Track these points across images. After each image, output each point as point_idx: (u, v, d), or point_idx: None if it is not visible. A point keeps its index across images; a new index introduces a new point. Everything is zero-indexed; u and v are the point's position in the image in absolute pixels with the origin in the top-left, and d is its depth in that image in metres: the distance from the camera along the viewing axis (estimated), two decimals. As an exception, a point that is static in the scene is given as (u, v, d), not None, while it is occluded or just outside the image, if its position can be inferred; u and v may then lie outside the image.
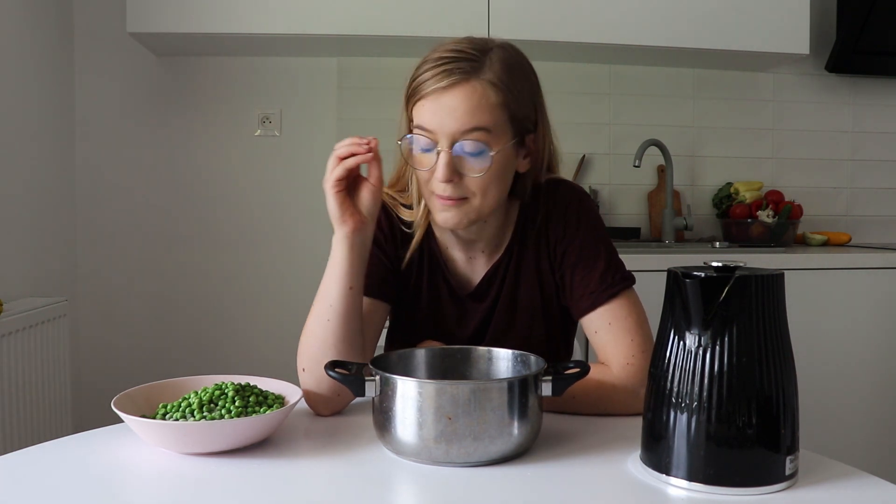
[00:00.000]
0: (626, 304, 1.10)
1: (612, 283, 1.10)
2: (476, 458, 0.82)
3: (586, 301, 1.11)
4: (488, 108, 1.03)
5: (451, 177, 1.03)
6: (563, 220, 1.15)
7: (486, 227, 1.16)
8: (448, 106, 1.02)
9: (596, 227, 1.16)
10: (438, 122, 1.02)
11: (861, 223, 2.89)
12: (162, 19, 2.19)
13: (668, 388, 0.78)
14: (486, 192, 1.06)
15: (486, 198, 1.06)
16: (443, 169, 1.03)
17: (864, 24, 2.63)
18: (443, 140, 1.03)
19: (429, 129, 1.04)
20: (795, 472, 0.77)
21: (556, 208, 1.16)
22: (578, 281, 1.12)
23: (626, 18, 2.34)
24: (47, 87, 2.31)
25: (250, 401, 0.92)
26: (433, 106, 1.03)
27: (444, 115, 1.02)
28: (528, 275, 1.17)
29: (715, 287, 0.75)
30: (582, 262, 1.13)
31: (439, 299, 1.20)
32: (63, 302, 2.09)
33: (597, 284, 1.11)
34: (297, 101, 2.57)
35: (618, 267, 1.14)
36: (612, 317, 1.09)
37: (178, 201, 2.54)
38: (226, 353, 2.55)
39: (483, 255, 1.19)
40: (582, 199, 1.18)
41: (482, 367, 0.99)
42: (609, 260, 1.13)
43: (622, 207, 2.76)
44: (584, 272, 1.12)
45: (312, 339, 1.03)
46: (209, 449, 0.86)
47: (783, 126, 2.83)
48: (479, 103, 1.02)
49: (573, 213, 1.15)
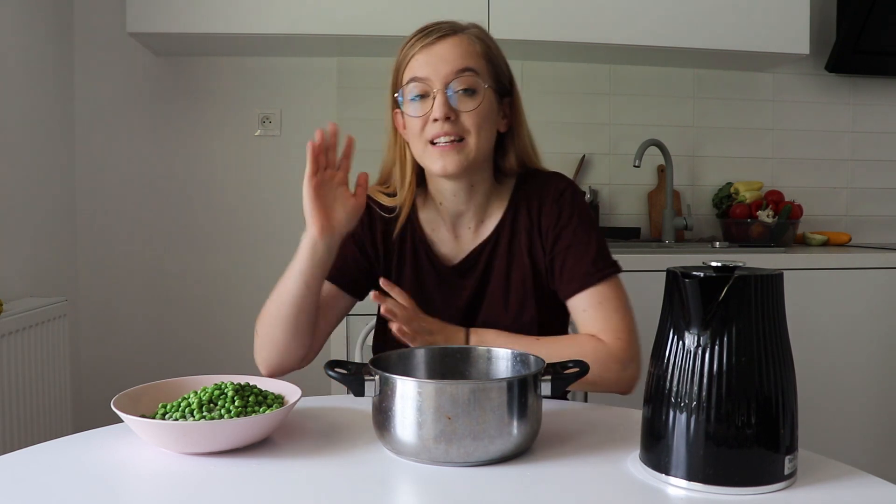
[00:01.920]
0: (615, 288, 1.17)
1: (602, 267, 1.17)
2: (476, 458, 0.82)
3: (577, 282, 1.17)
4: (474, 54, 1.16)
5: (448, 113, 1.13)
6: (557, 205, 1.22)
7: (474, 192, 1.22)
8: (439, 54, 1.15)
9: (588, 216, 1.23)
10: (432, 68, 1.14)
11: (861, 223, 2.89)
12: (162, 19, 2.19)
13: (668, 388, 0.78)
14: (479, 130, 1.15)
15: (479, 137, 1.15)
16: (440, 107, 1.13)
17: (864, 24, 2.63)
18: (437, 83, 1.14)
19: (422, 77, 1.15)
20: (794, 472, 0.77)
21: (551, 195, 1.23)
22: (571, 264, 1.18)
23: (626, 18, 2.34)
24: (47, 87, 2.31)
25: (250, 401, 0.92)
26: (425, 58, 1.15)
27: (436, 61, 1.14)
28: (521, 257, 1.22)
29: (714, 287, 0.75)
30: (575, 246, 1.19)
31: (422, 273, 1.25)
32: (63, 302, 2.09)
33: (589, 267, 1.17)
34: (297, 101, 2.57)
35: (607, 254, 1.20)
36: (603, 297, 1.16)
37: (178, 201, 2.54)
38: (226, 353, 2.55)
39: (469, 231, 1.25)
40: (576, 190, 1.25)
41: (482, 367, 0.99)
42: (600, 247, 1.20)
43: (622, 207, 2.76)
44: (577, 256, 1.18)
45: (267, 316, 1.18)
46: (209, 449, 0.86)
47: (783, 126, 2.83)
48: (467, 50, 1.16)
49: (568, 201, 1.22)
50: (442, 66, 1.14)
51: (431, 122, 1.14)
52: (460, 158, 1.14)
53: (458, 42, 1.16)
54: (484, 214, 1.25)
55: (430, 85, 1.14)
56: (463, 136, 1.14)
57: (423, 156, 1.18)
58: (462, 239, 1.25)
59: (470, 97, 1.14)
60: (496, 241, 1.23)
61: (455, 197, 1.22)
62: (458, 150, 1.14)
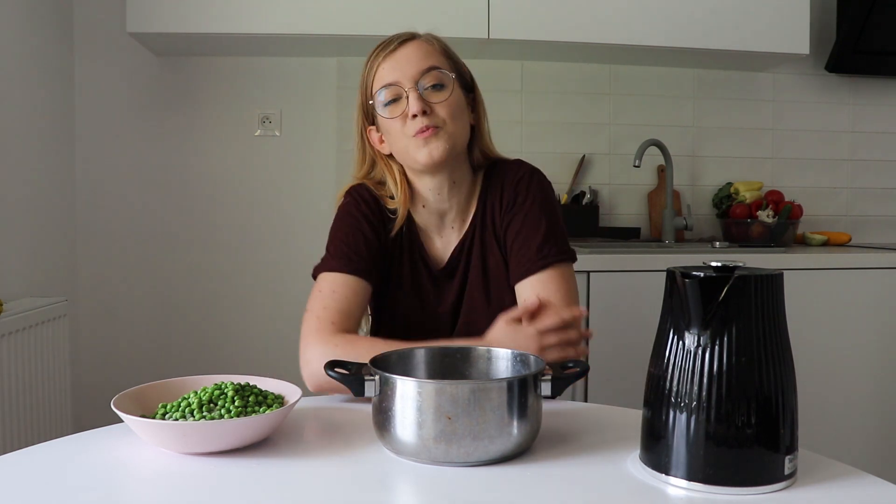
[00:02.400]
0: (557, 277, 1.18)
1: (548, 255, 1.18)
2: (476, 458, 0.82)
3: (521, 268, 1.19)
4: (434, 53, 1.23)
5: (424, 107, 1.18)
6: (514, 191, 1.24)
7: (456, 189, 1.26)
8: (404, 57, 1.21)
9: (543, 201, 1.24)
10: (400, 72, 1.20)
11: (861, 223, 2.89)
12: (162, 19, 2.19)
13: (668, 388, 0.78)
14: (454, 118, 1.20)
15: (455, 125, 1.20)
16: (415, 103, 1.18)
17: (864, 24, 2.63)
18: (407, 83, 1.19)
19: (392, 81, 1.20)
20: (794, 472, 0.77)
21: (511, 182, 1.26)
22: (517, 249, 1.21)
23: (626, 18, 2.34)
24: (47, 87, 2.31)
25: (250, 401, 0.92)
26: (390, 64, 1.21)
27: (402, 64, 1.20)
28: (493, 247, 1.25)
29: (714, 287, 0.75)
30: (524, 230, 1.21)
31: (419, 277, 1.27)
32: (63, 302, 2.09)
33: (533, 254, 1.19)
34: (297, 101, 2.57)
35: (556, 241, 1.21)
36: (542, 287, 1.17)
37: (178, 201, 2.54)
38: (225, 352, 2.55)
39: (453, 231, 1.28)
40: (534, 176, 1.27)
41: (481, 367, 0.99)
42: (549, 233, 1.21)
43: (622, 207, 2.76)
44: (524, 241, 1.20)
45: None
46: (209, 449, 0.86)
47: (783, 126, 2.83)
48: (427, 50, 1.22)
49: (524, 185, 1.25)
50: (408, 67, 1.20)
51: (410, 119, 1.18)
52: (442, 143, 1.18)
53: (418, 45, 1.22)
54: (465, 213, 1.28)
55: (401, 86, 1.19)
56: (439, 125, 1.19)
57: (407, 151, 1.21)
58: (447, 239, 1.29)
59: (440, 91, 1.20)
60: (472, 235, 1.27)
61: (439, 195, 1.25)
62: (437, 135, 1.18)
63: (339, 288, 1.17)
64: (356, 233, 1.23)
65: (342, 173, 2.56)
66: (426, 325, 1.26)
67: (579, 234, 2.57)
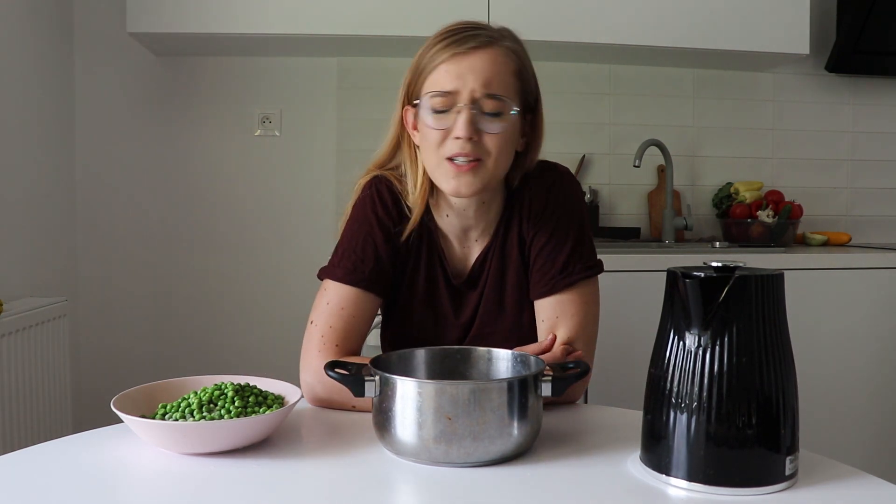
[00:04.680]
0: (580, 297, 1.12)
1: (571, 272, 1.12)
2: (476, 459, 0.82)
3: (544, 286, 1.13)
4: (508, 72, 1.08)
5: (472, 134, 1.04)
6: (544, 198, 1.15)
7: (484, 210, 1.16)
8: (471, 66, 1.05)
9: (572, 212, 1.16)
10: (461, 82, 1.05)
11: (861, 223, 2.89)
12: (162, 19, 2.19)
13: (668, 389, 0.78)
14: (500, 153, 1.07)
15: (499, 161, 1.07)
16: (465, 125, 1.04)
17: (864, 24, 2.63)
18: (465, 97, 1.04)
19: (449, 90, 1.05)
20: (795, 473, 0.77)
21: (539, 186, 1.16)
22: (541, 264, 1.13)
23: (626, 18, 2.34)
24: (47, 87, 2.31)
25: (250, 401, 0.92)
26: (454, 68, 1.06)
27: (467, 73, 1.05)
28: (514, 258, 1.17)
29: (715, 287, 0.75)
30: (550, 244, 1.14)
31: (436, 287, 1.19)
32: (63, 302, 2.09)
33: (557, 272, 1.12)
34: (297, 101, 2.57)
35: (582, 255, 1.14)
36: (562, 310, 1.11)
37: (178, 201, 2.54)
38: (225, 353, 2.55)
39: (477, 244, 1.19)
40: (566, 182, 1.18)
41: (482, 368, 0.99)
42: (576, 246, 1.14)
43: (622, 207, 2.76)
44: (549, 255, 1.13)
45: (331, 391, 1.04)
46: (209, 449, 0.86)
47: (783, 126, 2.83)
48: (501, 67, 1.07)
49: (554, 193, 1.16)
50: (472, 80, 1.05)
51: (453, 138, 1.05)
52: (475, 181, 1.06)
53: (492, 57, 1.07)
54: (488, 223, 1.18)
55: (456, 99, 1.05)
56: (482, 157, 1.06)
57: (436, 171, 1.09)
58: (469, 250, 1.19)
59: (496, 118, 1.05)
60: (492, 246, 1.18)
61: (464, 212, 1.15)
62: (474, 171, 1.06)
63: (348, 305, 1.10)
64: (368, 240, 1.13)
65: (342, 173, 2.56)
66: (438, 337, 1.19)
67: (579, 234, 2.56)
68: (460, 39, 1.07)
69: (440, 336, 1.19)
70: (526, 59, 1.14)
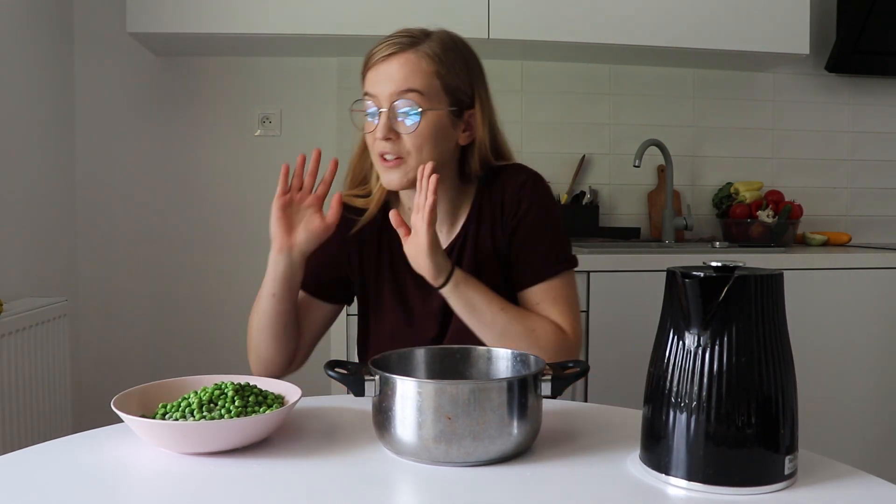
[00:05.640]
0: (567, 284, 1.22)
1: (556, 262, 1.21)
2: (476, 458, 0.82)
3: (528, 277, 1.21)
4: (421, 74, 1.16)
5: (388, 134, 1.15)
6: (517, 196, 1.23)
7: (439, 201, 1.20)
8: (387, 72, 1.16)
9: (548, 208, 1.24)
10: (379, 87, 1.16)
11: (861, 223, 2.89)
12: (162, 19, 2.19)
13: (668, 388, 0.78)
14: (419, 151, 1.16)
15: (420, 157, 1.16)
16: (381, 128, 1.15)
17: (864, 24, 2.63)
18: (383, 101, 1.16)
19: (372, 94, 1.18)
20: (795, 472, 0.77)
21: (512, 187, 1.23)
22: (526, 255, 1.21)
23: (626, 18, 2.34)
24: (47, 87, 2.31)
25: (250, 401, 0.92)
26: (375, 74, 1.18)
27: (383, 79, 1.16)
28: (487, 250, 1.24)
29: (714, 287, 0.75)
30: (531, 237, 1.22)
31: (403, 279, 1.26)
32: (63, 302, 2.09)
33: (540, 263, 1.20)
34: (297, 101, 2.57)
35: (562, 249, 1.23)
36: (556, 293, 1.20)
37: (178, 201, 2.55)
38: (225, 353, 2.55)
39: (442, 234, 1.26)
40: (537, 181, 1.25)
41: (482, 367, 0.99)
42: (554, 240, 1.22)
43: (622, 207, 2.76)
44: (533, 247, 1.21)
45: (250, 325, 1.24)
46: (209, 449, 0.86)
47: (783, 126, 2.83)
48: (413, 69, 1.16)
49: (527, 192, 1.23)
50: (386, 85, 1.16)
51: (377, 139, 1.17)
52: (400, 175, 1.17)
53: (405, 61, 1.16)
54: (454, 217, 1.27)
55: (377, 103, 1.17)
56: (402, 155, 1.16)
57: (376, 165, 1.21)
58: None
59: (410, 119, 1.15)
60: (464, 238, 1.25)
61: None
62: (398, 167, 1.17)
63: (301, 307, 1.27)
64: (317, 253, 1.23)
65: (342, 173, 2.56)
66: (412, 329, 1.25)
67: (579, 234, 2.57)
68: (382, 48, 1.18)
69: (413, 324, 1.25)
70: (448, 59, 1.19)
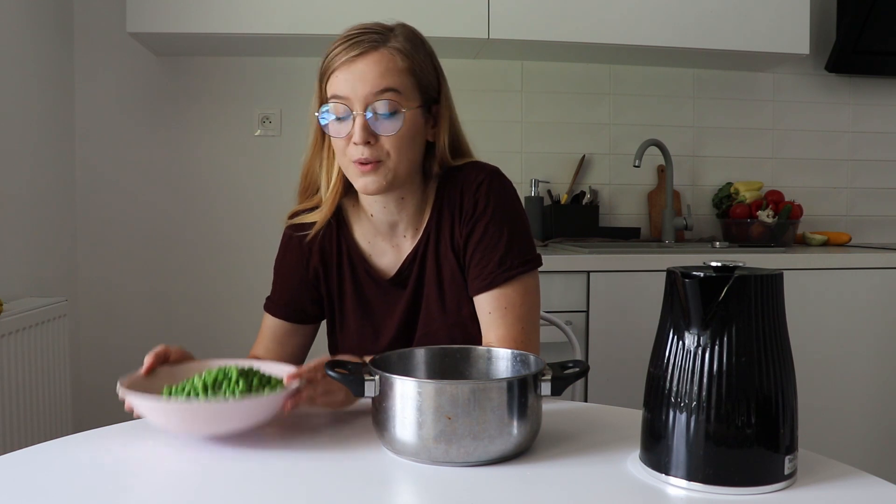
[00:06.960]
0: (520, 291, 1.15)
1: (510, 267, 1.14)
2: (475, 458, 0.82)
3: (482, 281, 1.15)
4: (397, 71, 1.11)
5: (367, 138, 1.09)
6: (474, 198, 1.17)
7: (405, 203, 1.19)
8: (360, 72, 1.10)
9: (505, 208, 1.18)
10: (351, 88, 1.09)
11: (861, 223, 2.89)
12: (162, 19, 2.19)
13: (668, 388, 0.78)
14: (400, 152, 1.11)
15: (400, 159, 1.11)
16: (359, 131, 1.08)
17: (864, 24, 2.63)
18: (357, 104, 1.09)
19: (343, 96, 1.10)
20: (794, 472, 0.77)
21: (470, 186, 1.18)
22: (478, 260, 1.16)
23: (626, 18, 2.34)
24: (47, 87, 2.31)
25: (254, 383, 0.91)
26: (345, 75, 1.11)
27: (356, 80, 1.10)
28: (447, 255, 1.19)
29: (714, 287, 0.75)
30: (484, 240, 1.16)
31: (364, 292, 1.23)
32: (63, 302, 2.09)
33: (494, 266, 1.14)
34: (297, 101, 2.57)
35: (520, 249, 1.16)
36: (507, 301, 1.14)
37: (178, 201, 2.54)
38: (225, 352, 2.52)
39: (406, 239, 1.22)
40: (494, 179, 1.20)
41: (481, 367, 0.99)
42: (511, 242, 1.16)
43: (622, 207, 2.76)
44: (485, 252, 1.15)
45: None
46: (216, 430, 0.85)
47: (783, 126, 2.83)
48: (388, 67, 1.11)
49: (484, 192, 1.17)
50: (362, 85, 1.09)
51: (352, 143, 1.10)
52: (380, 179, 1.11)
53: (378, 59, 1.11)
54: (418, 221, 1.21)
55: (350, 106, 1.10)
56: (381, 158, 1.10)
57: (347, 171, 1.15)
58: (400, 248, 1.22)
59: (391, 120, 1.09)
60: (426, 243, 1.20)
61: (385, 209, 1.19)
62: (376, 171, 1.11)
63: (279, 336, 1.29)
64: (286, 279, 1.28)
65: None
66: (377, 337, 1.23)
67: (579, 234, 2.57)
68: (350, 46, 1.12)
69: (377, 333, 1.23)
70: (418, 55, 1.15)
